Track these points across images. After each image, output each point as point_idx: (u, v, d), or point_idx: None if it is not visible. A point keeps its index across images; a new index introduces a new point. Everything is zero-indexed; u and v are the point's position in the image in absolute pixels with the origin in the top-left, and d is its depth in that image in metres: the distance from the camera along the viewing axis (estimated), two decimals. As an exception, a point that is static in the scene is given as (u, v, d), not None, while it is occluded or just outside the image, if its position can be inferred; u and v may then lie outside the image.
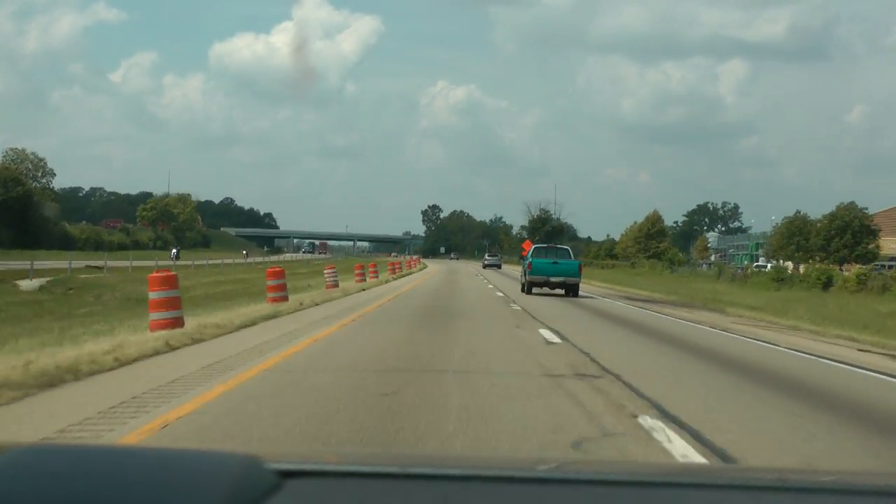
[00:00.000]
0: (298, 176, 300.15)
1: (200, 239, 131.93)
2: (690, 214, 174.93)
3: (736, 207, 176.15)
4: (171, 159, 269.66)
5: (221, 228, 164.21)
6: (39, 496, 1.19)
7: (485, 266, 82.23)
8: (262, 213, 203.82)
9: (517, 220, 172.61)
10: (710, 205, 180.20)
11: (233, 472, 1.31)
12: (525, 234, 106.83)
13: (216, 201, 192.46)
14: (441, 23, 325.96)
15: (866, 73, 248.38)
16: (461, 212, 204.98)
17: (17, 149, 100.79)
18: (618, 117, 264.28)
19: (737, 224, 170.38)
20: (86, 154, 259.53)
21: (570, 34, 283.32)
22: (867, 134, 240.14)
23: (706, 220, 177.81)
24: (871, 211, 71.80)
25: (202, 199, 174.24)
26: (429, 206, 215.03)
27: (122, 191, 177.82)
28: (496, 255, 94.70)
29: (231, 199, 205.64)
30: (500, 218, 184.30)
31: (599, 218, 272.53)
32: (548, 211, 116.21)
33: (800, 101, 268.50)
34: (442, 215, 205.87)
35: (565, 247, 36.35)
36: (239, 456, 1.41)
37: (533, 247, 34.70)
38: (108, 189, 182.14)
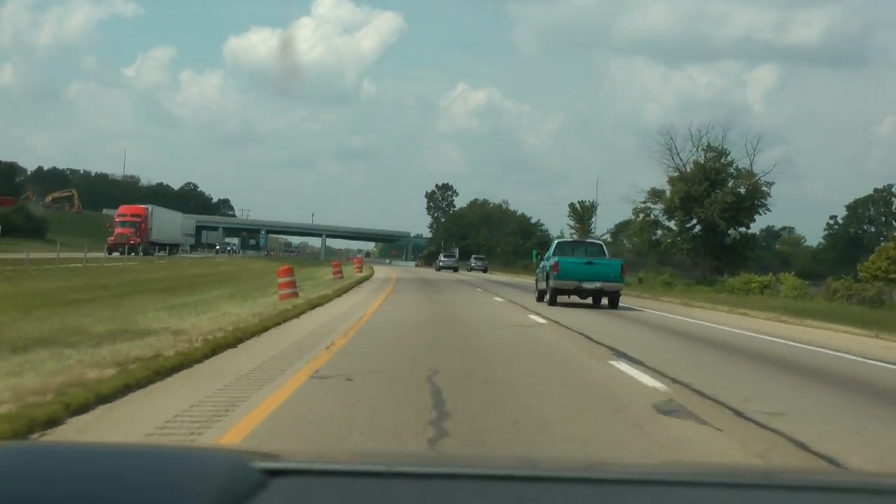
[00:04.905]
0: (306, 175, 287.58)
1: (24, 222, 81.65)
2: (854, 207, 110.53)
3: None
4: (166, 149, 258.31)
5: (104, 210, 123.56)
6: (24, 496, 1.17)
7: (439, 268, 73.21)
8: (215, 199, 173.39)
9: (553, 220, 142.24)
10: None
11: (218, 470, 1.32)
12: (659, 212, 55.43)
13: (175, 186, 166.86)
14: (459, 22, 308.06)
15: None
16: (485, 200, 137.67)
17: None
18: (641, 122, 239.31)
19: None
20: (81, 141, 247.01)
21: (595, 34, 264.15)
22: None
23: (883, 214, 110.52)
24: None
25: (154, 182, 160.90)
26: (437, 187, 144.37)
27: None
28: (453, 256, 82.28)
29: (194, 184, 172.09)
30: (539, 223, 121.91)
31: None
32: (725, 153, 54.07)
33: (831, 110, 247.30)
34: (456, 200, 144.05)
35: (598, 241, 31.41)
36: (224, 454, 1.46)
37: (555, 243, 28.44)
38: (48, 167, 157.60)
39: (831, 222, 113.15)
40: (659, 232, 56.94)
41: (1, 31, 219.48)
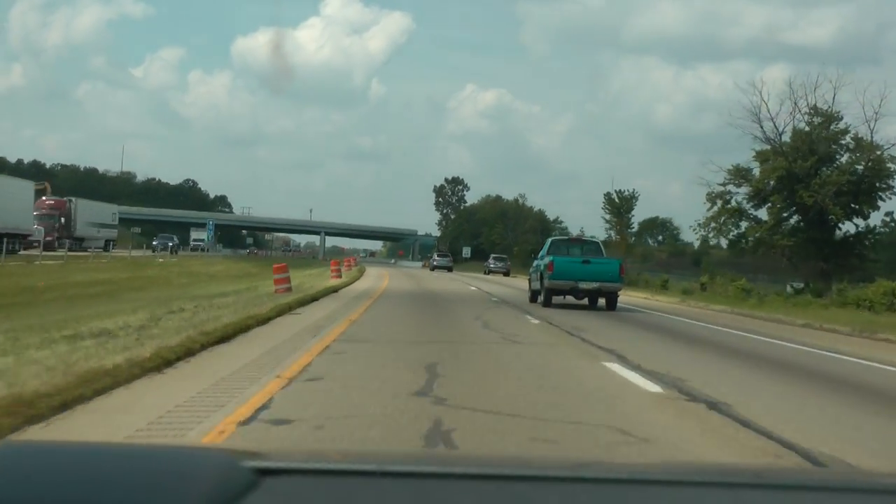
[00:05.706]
0: (314, 175, 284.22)
1: None
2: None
3: None
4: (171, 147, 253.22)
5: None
6: (13, 497, 1.14)
7: (433, 268, 72.14)
8: (211, 196, 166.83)
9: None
10: None
11: (209, 469, 1.30)
12: (743, 197, 42.19)
13: (173, 182, 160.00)
14: (468, 22, 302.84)
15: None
16: (498, 196, 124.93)
17: None
18: (651, 123, 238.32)
19: None
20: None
21: (605, 34, 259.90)
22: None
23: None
24: None
25: (147, 177, 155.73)
26: (446, 181, 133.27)
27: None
28: (446, 256, 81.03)
29: (192, 181, 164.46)
30: (558, 220, 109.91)
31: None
32: (837, 117, 39.19)
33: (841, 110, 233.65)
34: (467, 195, 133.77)
35: (594, 239, 28.55)
36: (215, 454, 1.42)
37: (549, 241, 26.13)
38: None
39: (887, 219, 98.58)
40: (743, 224, 42.72)
41: (10, 31, 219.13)
